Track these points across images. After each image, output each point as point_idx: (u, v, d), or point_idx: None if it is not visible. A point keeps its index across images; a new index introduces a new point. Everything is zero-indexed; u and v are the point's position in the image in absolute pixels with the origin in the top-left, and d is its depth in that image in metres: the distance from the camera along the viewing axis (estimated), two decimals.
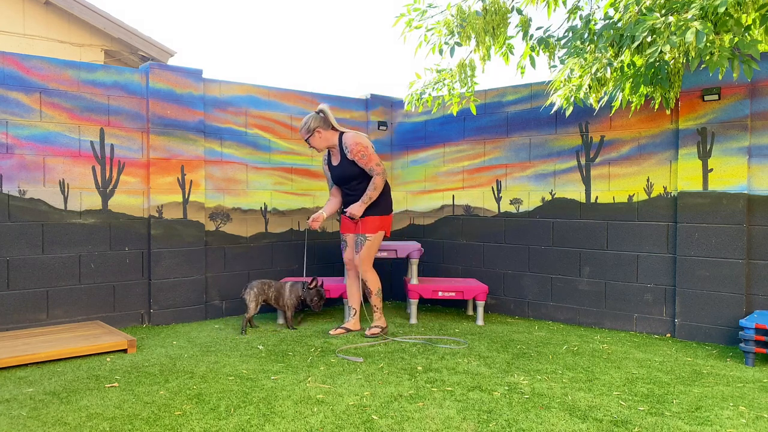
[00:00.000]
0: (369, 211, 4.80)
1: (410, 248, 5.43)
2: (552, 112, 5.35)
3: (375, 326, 4.84)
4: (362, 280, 4.90)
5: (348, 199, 4.92)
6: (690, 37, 3.07)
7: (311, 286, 4.81)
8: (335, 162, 4.88)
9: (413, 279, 5.44)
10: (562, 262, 5.41)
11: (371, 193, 4.74)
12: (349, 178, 4.81)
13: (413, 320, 5.35)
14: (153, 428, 2.88)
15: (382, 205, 4.84)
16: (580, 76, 3.97)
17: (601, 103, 4.54)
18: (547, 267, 5.50)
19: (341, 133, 4.81)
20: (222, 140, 5.50)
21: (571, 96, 4.12)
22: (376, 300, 4.91)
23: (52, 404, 3.19)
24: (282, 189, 5.90)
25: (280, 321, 5.27)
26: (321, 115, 4.80)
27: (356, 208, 4.76)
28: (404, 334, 4.87)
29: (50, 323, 4.70)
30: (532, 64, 4.37)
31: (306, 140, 4.84)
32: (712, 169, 4.56)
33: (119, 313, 5.02)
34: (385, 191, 4.88)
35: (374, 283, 4.89)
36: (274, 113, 5.83)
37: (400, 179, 6.58)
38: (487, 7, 4.18)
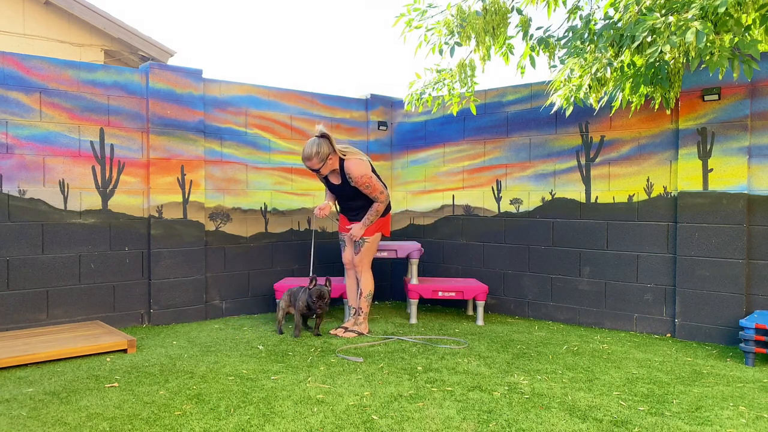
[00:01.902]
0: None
1: (410, 248, 5.43)
2: (552, 112, 5.35)
3: (353, 330, 4.78)
4: (357, 279, 4.90)
5: (345, 206, 4.89)
6: (690, 37, 3.07)
7: (310, 287, 4.73)
8: (335, 181, 4.74)
9: (413, 279, 5.44)
10: (562, 262, 5.41)
11: (371, 217, 4.71)
12: (350, 197, 4.77)
13: (413, 320, 5.35)
14: (153, 428, 2.88)
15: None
16: (580, 76, 3.97)
17: (601, 103, 4.53)
18: (547, 267, 5.50)
19: (342, 158, 4.62)
20: (222, 140, 5.50)
21: (571, 96, 4.12)
22: (363, 303, 4.87)
23: (52, 404, 3.19)
24: (282, 189, 5.90)
25: None
26: (326, 139, 4.56)
27: (357, 230, 4.75)
28: (404, 334, 4.87)
29: (50, 323, 4.70)
30: (532, 64, 4.37)
31: (317, 169, 4.58)
32: (712, 169, 4.56)
33: (119, 313, 5.02)
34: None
35: (367, 286, 4.88)
36: (274, 113, 5.83)
37: (400, 179, 6.58)
38: (487, 7, 4.18)
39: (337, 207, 5.01)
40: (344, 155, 4.63)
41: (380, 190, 4.67)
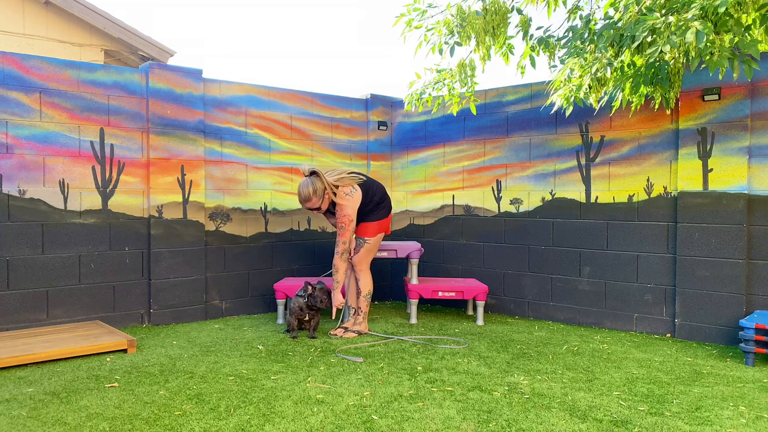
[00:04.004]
0: (368, 217, 4.82)
1: (410, 248, 5.43)
2: (552, 112, 5.35)
3: (353, 330, 4.79)
4: (356, 279, 4.92)
5: None
6: (690, 37, 3.07)
7: (309, 291, 4.62)
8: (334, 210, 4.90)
9: (413, 279, 5.44)
10: (562, 262, 5.41)
11: (336, 276, 4.76)
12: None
13: (413, 320, 5.35)
14: (153, 428, 2.88)
15: (381, 211, 4.86)
16: (580, 76, 3.97)
17: (601, 103, 4.54)
18: (547, 267, 5.50)
19: (334, 193, 4.68)
20: (222, 140, 5.50)
21: (571, 96, 4.12)
22: (363, 303, 4.89)
23: (52, 404, 3.19)
24: (282, 189, 5.90)
25: (280, 321, 5.27)
26: (317, 175, 4.65)
27: (336, 299, 4.72)
28: (404, 334, 4.87)
29: (50, 323, 4.70)
30: (532, 64, 4.37)
31: (318, 207, 4.69)
32: (712, 169, 4.56)
33: (119, 313, 5.02)
34: (383, 198, 4.89)
35: (366, 286, 4.89)
36: (274, 113, 5.83)
37: (400, 179, 6.58)
38: (487, 7, 4.18)
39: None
40: (335, 190, 4.67)
41: (344, 239, 4.71)
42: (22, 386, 3.47)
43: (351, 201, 4.69)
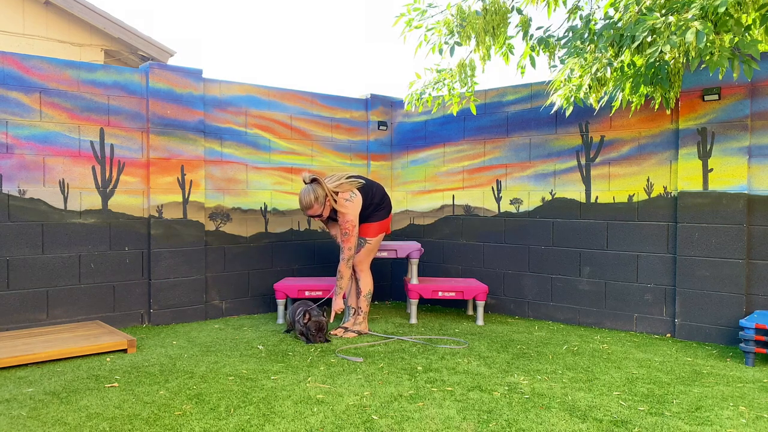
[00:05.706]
0: (369, 218, 4.83)
1: (410, 248, 5.43)
2: (552, 112, 5.35)
3: (353, 330, 4.80)
4: (356, 279, 4.92)
5: None
6: (690, 37, 3.07)
7: (305, 321, 4.50)
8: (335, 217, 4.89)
9: (413, 279, 5.44)
10: (562, 262, 5.41)
11: (340, 282, 4.76)
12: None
13: (413, 320, 5.35)
14: (153, 428, 2.88)
15: (381, 211, 4.87)
16: (580, 76, 3.97)
17: (601, 103, 4.54)
18: (547, 267, 5.50)
19: (334, 200, 4.67)
20: (222, 140, 5.50)
21: (571, 96, 4.12)
22: (363, 303, 4.90)
23: (52, 404, 3.19)
24: (282, 189, 5.90)
25: (280, 321, 5.27)
26: (317, 183, 4.64)
27: (337, 304, 4.76)
28: (404, 334, 4.87)
29: (50, 323, 4.70)
30: (532, 64, 4.37)
31: (320, 214, 4.69)
32: (712, 169, 4.56)
33: (119, 313, 5.02)
34: (383, 199, 4.90)
35: (366, 286, 4.90)
36: (274, 113, 5.83)
37: (400, 179, 6.58)
38: (487, 7, 4.18)
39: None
40: (335, 195, 4.67)
41: (349, 245, 4.71)
42: (22, 386, 3.47)
43: (352, 207, 4.69)
